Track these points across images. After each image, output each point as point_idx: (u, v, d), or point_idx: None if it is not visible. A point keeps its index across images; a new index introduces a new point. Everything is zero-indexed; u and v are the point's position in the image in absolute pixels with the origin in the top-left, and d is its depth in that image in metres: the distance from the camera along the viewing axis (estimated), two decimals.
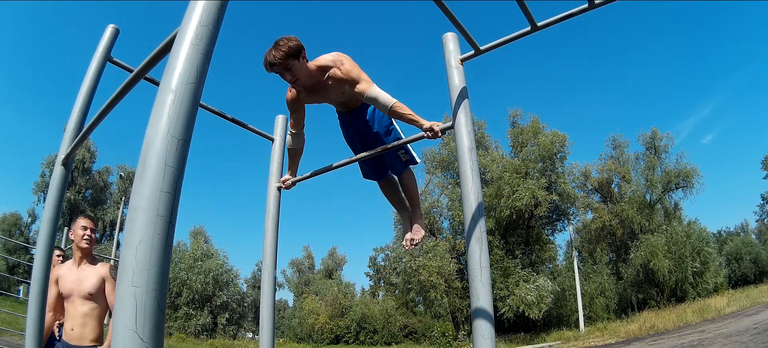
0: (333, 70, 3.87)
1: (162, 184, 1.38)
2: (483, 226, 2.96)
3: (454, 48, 3.41)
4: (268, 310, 4.40)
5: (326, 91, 4.04)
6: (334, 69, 3.86)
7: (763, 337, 16.76)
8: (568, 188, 38.26)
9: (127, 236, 1.35)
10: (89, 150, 52.52)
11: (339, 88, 3.97)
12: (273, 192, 4.62)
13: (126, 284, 1.30)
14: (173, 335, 36.62)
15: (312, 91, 4.05)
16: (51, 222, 3.37)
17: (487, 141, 42.89)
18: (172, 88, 1.49)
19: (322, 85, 3.99)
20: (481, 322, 2.77)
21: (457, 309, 37.02)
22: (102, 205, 55.36)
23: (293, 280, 73.68)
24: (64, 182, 3.40)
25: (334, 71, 3.87)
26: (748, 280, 52.84)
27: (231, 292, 47.67)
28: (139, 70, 2.38)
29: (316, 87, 4.01)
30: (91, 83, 3.47)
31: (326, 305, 52.04)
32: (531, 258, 38.45)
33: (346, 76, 3.85)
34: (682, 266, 38.61)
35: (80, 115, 3.40)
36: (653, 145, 45.15)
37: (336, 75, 3.87)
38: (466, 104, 3.24)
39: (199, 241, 50.60)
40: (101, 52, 3.51)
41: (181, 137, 1.45)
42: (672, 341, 21.62)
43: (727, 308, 28.33)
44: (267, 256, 4.53)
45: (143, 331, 1.27)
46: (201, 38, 1.58)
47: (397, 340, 45.65)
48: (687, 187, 42.73)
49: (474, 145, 3.17)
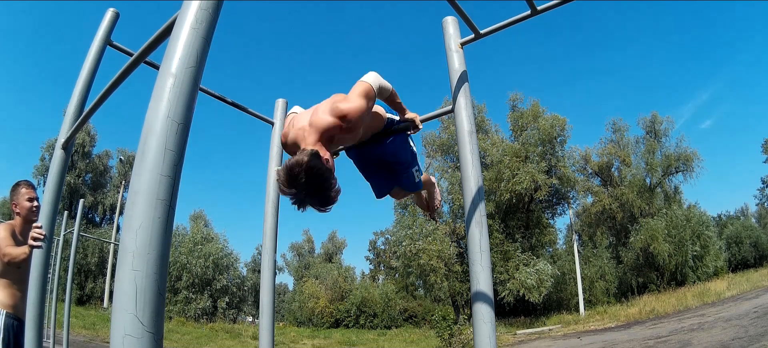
0: (343, 117, 2.98)
1: (162, 168, 1.38)
2: (483, 210, 2.97)
3: (454, 32, 3.39)
4: (268, 293, 4.41)
5: (350, 133, 3.19)
6: (344, 116, 2.99)
7: (763, 320, 16.81)
8: (568, 172, 38.21)
9: (127, 220, 1.35)
10: (89, 134, 52.37)
11: (359, 124, 3.15)
12: (273, 176, 4.61)
13: (126, 268, 1.29)
14: (173, 319, 36.75)
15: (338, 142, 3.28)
16: (51, 205, 3.38)
17: (487, 125, 42.82)
18: (172, 72, 1.49)
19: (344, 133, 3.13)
20: (482, 305, 2.78)
21: (457, 293, 37.09)
22: (102, 188, 55.31)
23: (293, 264, 73.80)
24: (64, 166, 3.41)
25: (346, 114, 2.99)
26: (748, 264, 52.80)
27: (231, 276, 47.89)
28: (139, 53, 2.38)
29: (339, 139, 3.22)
30: (91, 67, 3.47)
31: (326, 289, 52.13)
32: (531, 242, 38.48)
33: (359, 109, 3.02)
34: (682, 250, 38.65)
35: (80, 98, 3.40)
36: (653, 128, 45.05)
37: (350, 116, 2.99)
38: (466, 88, 3.23)
39: (199, 225, 50.70)
40: (101, 35, 3.50)
41: (181, 121, 1.45)
42: (672, 325, 21.68)
43: (727, 292, 28.38)
44: (267, 240, 4.54)
45: (143, 315, 1.27)
46: (201, 22, 1.58)
47: (397, 324, 45.75)
48: (687, 171, 42.64)
49: (474, 128, 3.17)
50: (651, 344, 18.05)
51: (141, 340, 1.26)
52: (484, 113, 42.84)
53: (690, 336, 17.60)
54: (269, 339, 4.32)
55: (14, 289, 4.63)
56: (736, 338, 14.99)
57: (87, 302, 43.62)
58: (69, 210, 41.97)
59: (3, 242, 4.60)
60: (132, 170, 1.72)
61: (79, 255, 41.27)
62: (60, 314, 15.24)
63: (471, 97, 3.29)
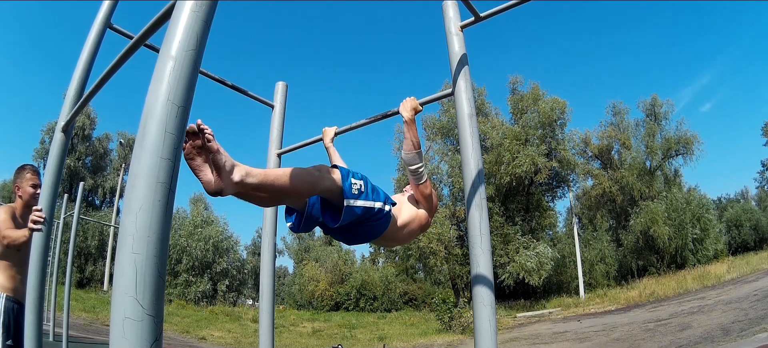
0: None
1: (162, 151, 1.39)
2: (483, 193, 2.98)
3: (454, 15, 3.39)
4: (268, 276, 4.43)
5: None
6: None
7: (763, 303, 16.83)
8: (568, 155, 38.15)
9: (127, 203, 1.36)
10: (89, 117, 52.27)
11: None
12: (273, 158, 4.63)
13: (126, 251, 1.30)
14: (173, 302, 36.84)
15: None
16: (51, 188, 3.39)
17: (487, 108, 42.76)
18: (172, 55, 1.49)
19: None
20: (481, 288, 2.79)
21: (457, 276, 37.16)
22: (102, 171, 55.31)
23: (293, 247, 73.87)
24: (64, 149, 3.42)
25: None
26: (748, 247, 52.85)
27: (231, 259, 47.99)
28: (139, 36, 2.37)
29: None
30: (91, 50, 3.47)
31: (326, 272, 52.21)
32: (531, 225, 38.52)
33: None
34: (682, 233, 38.66)
35: (80, 81, 3.40)
36: (653, 111, 44.95)
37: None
38: (466, 71, 3.23)
39: (199, 208, 50.85)
40: (101, 18, 3.51)
41: (181, 104, 1.45)
42: (672, 308, 21.74)
43: (727, 275, 28.38)
44: (267, 223, 4.56)
45: (143, 298, 1.27)
46: (201, 5, 1.58)
47: (397, 307, 45.86)
48: (687, 154, 42.53)
49: (474, 111, 3.17)
50: (651, 327, 18.11)
51: (141, 322, 1.27)
52: (484, 96, 42.79)
53: (690, 319, 17.65)
54: (269, 322, 4.34)
55: (14, 272, 4.58)
56: (736, 321, 15.02)
57: (87, 285, 43.75)
58: (69, 193, 41.84)
59: (3, 225, 4.56)
60: (132, 153, 1.72)
61: (79, 238, 41.35)
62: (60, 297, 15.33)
63: (471, 80, 3.29)
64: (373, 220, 3.03)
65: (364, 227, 3.05)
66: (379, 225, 3.11)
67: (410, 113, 3.50)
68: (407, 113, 3.49)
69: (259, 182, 2.46)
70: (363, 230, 3.08)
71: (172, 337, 21.98)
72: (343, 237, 3.20)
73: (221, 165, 2.32)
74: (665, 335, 15.79)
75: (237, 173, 2.37)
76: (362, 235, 3.16)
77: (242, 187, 2.42)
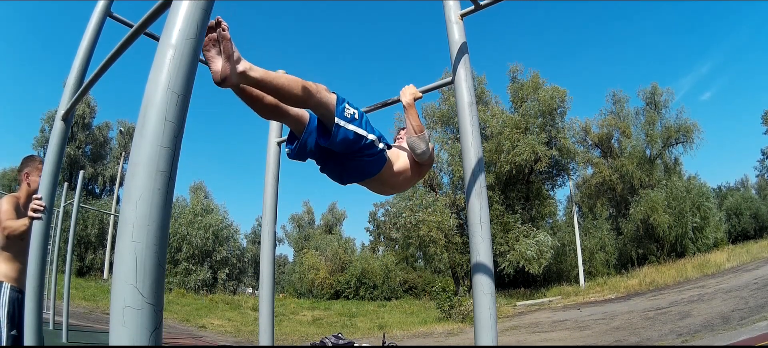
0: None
1: (162, 140, 1.38)
2: (483, 182, 2.97)
3: (454, 3, 3.37)
4: (268, 265, 4.43)
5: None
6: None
7: (763, 292, 16.88)
8: (568, 143, 38.18)
9: (127, 191, 1.35)
10: (89, 105, 52.28)
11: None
12: (273, 147, 4.62)
13: (126, 239, 1.30)
14: (173, 290, 36.87)
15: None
16: (51, 177, 3.38)
17: (487, 96, 42.78)
18: (172, 43, 1.48)
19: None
20: (481, 277, 2.78)
21: (457, 264, 37.20)
22: (102, 160, 55.37)
23: (293, 236, 74.02)
24: (64, 137, 3.41)
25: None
26: (748, 236, 52.79)
27: (231, 248, 48.10)
28: (139, 25, 2.36)
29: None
30: (91, 38, 3.46)
31: (326, 260, 52.30)
32: (531, 213, 38.58)
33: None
34: (682, 221, 38.68)
35: (80, 70, 3.39)
36: (653, 100, 44.87)
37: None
38: (466, 60, 3.21)
39: (199, 197, 50.99)
40: (101, 7, 3.50)
41: (181, 92, 1.44)
42: (672, 296, 21.78)
43: (726, 263, 28.39)
44: (267, 212, 4.55)
45: (143, 287, 1.27)
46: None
47: (397, 296, 45.98)
48: (687, 143, 42.47)
49: (474, 100, 3.15)
50: (651, 315, 18.15)
51: (141, 311, 1.26)
52: (484, 85, 42.82)
53: (690, 307, 17.70)
54: (269, 310, 4.34)
55: (18, 261, 4.55)
56: (736, 309, 15.07)
57: (87, 274, 43.87)
58: (69, 181, 41.90)
59: (4, 215, 4.55)
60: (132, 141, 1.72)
61: (79, 226, 41.40)
62: (60, 286, 15.30)
63: (471, 68, 3.27)
64: (367, 155, 3.12)
65: (358, 162, 3.15)
66: (374, 162, 3.22)
67: (409, 99, 3.52)
68: (406, 99, 3.52)
69: (260, 77, 2.60)
70: (357, 165, 3.18)
71: (172, 326, 22.01)
72: (337, 172, 3.31)
73: (230, 53, 2.49)
74: (665, 324, 15.82)
75: (242, 64, 2.55)
76: (357, 171, 3.25)
77: (244, 79, 2.57)
